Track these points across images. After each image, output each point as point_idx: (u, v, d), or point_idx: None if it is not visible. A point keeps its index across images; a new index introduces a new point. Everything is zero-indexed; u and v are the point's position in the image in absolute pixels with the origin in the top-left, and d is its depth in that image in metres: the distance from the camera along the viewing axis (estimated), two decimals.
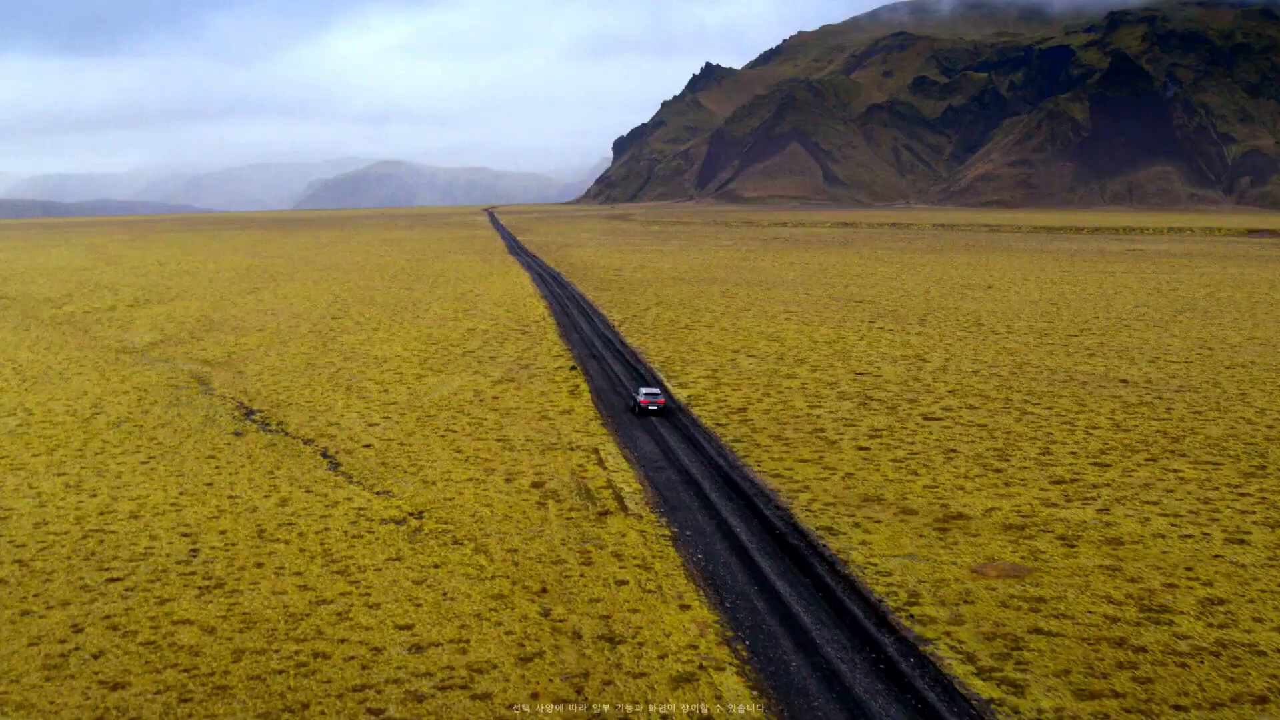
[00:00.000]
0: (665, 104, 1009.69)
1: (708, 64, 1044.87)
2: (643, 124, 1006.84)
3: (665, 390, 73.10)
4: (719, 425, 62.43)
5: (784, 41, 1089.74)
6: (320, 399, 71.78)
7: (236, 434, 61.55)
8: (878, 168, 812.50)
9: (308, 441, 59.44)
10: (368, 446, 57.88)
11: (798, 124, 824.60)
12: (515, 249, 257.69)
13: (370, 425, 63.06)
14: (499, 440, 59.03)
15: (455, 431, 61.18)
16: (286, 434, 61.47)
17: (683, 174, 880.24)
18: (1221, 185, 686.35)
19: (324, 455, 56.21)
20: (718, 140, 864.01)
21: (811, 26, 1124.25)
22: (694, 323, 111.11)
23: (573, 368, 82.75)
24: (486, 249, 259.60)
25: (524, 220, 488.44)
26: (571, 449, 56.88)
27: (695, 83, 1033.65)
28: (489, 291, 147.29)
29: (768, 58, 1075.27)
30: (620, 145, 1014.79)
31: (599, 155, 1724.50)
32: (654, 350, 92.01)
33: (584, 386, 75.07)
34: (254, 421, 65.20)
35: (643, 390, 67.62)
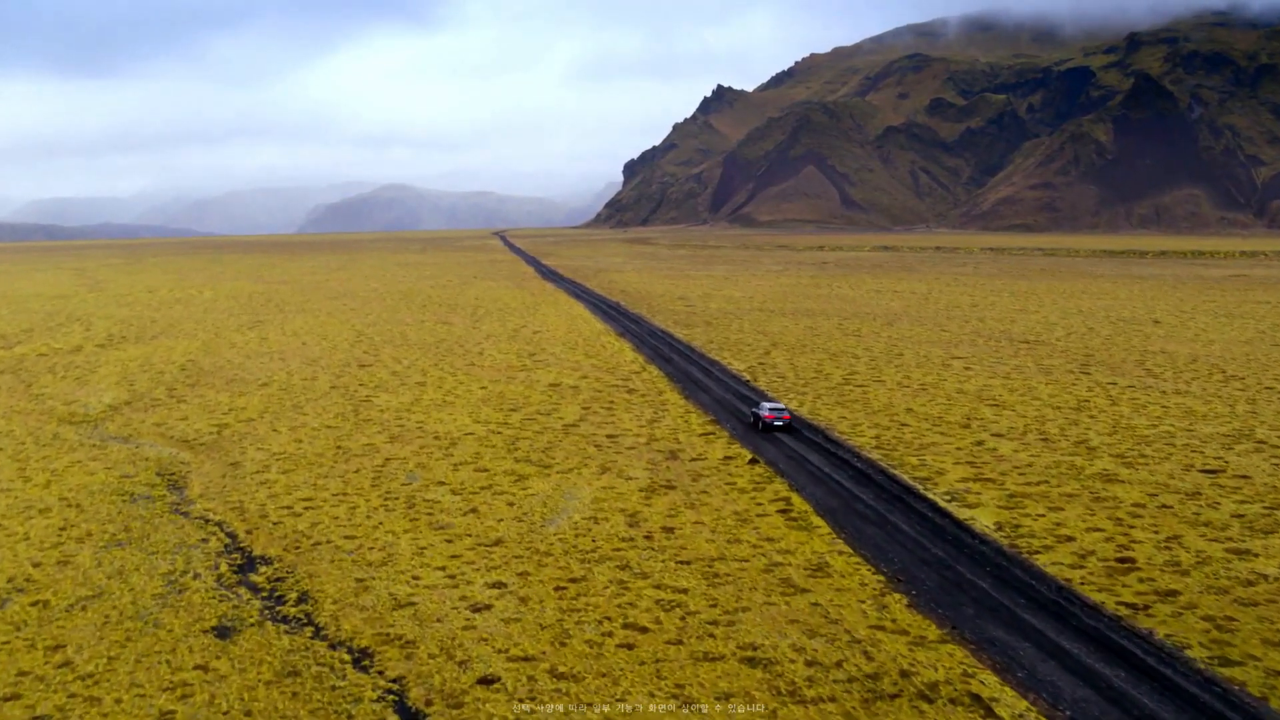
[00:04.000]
0: (676, 126, 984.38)
1: (719, 86, 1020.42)
2: (654, 147, 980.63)
3: (935, 506, 44.00)
4: (1131, 609, 32.96)
5: (796, 64, 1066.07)
6: (367, 530, 42.21)
7: (221, 633, 31.89)
8: (895, 191, 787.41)
9: (362, 659, 29.83)
10: (490, 683, 28.16)
11: (813, 146, 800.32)
12: (547, 274, 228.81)
13: (475, 609, 33.38)
14: (748, 659, 29.41)
15: (645, 628, 31.58)
16: (317, 631, 31.87)
17: (696, 197, 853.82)
18: (1252, 208, 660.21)
19: (402, 712, 26.52)
20: (731, 163, 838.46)
21: (817, 50, 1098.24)
22: (851, 375, 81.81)
23: (752, 461, 53.14)
24: (515, 274, 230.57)
25: (540, 244, 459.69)
26: (921, 692, 27.23)
27: (706, 105, 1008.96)
28: (548, 327, 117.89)
29: (779, 80, 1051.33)
30: (630, 168, 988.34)
31: (604, 179, 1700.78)
32: (841, 423, 62.59)
33: (801, 502, 45.53)
34: (255, 592, 35.58)
35: (765, 405, 61.78)
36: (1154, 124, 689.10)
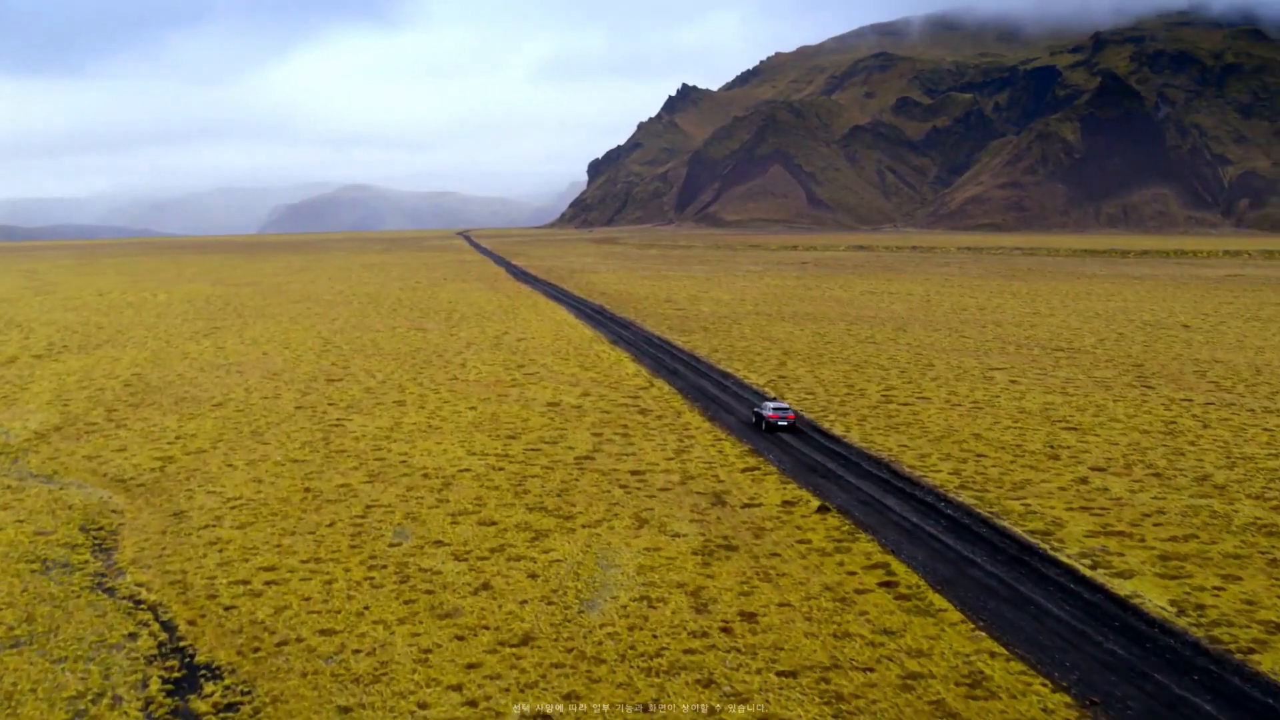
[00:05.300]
0: (641, 125, 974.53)
1: (684, 85, 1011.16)
2: (618, 146, 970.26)
3: (1075, 574, 34.46)
4: None
5: (761, 63, 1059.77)
6: (350, 620, 31.94)
7: None
8: (862, 190, 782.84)
9: None
10: None
11: (779, 145, 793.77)
12: (519, 275, 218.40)
13: None
14: None
15: None
16: None
17: (661, 196, 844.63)
18: (1219, 207, 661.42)
19: None
20: (697, 162, 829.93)
21: (782, 49, 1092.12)
22: (888, 392, 72.31)
23: (822, 509, 43.29)
24: (486, 275, 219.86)
25: (507, 244, 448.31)
26: None
27: (671, 104, 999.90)
28: (532, 334, 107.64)
29: (745, 79, 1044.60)
30: (595, 168, 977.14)
31: (568, 180, 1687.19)
32: (905, 453, 52.93)
33: (905, 571, 35.76)
34: None
35: (769, 405, 59.01)
36: (1121, 123, 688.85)
